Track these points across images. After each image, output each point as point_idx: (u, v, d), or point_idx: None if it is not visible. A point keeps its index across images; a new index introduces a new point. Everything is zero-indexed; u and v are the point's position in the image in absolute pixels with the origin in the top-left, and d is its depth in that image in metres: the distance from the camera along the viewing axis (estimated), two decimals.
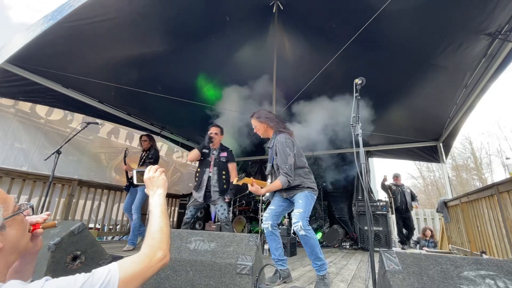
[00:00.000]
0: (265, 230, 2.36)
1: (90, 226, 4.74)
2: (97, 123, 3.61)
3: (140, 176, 1.14)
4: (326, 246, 5.37)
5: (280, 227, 4.06)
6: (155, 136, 4.99)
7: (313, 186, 2.36)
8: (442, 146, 5.74)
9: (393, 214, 5.92)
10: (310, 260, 2.20)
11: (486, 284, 1.00)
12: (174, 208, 6.47)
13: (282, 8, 3.81)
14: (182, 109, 5.13)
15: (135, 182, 1.17)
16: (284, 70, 4.49)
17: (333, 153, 6.70)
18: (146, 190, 1.08)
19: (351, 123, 1.97)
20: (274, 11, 3.87)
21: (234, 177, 3.21)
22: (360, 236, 5.11)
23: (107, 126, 5.10)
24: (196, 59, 4.30)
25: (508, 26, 2.85)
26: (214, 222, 5.55)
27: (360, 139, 1.90)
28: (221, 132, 3.45)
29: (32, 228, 0.87)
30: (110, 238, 5.66)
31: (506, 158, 14.24)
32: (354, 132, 1.94)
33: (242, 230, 5.58)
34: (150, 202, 1.02)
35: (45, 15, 2.90)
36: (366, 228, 4.96)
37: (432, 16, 3.11)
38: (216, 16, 3.67)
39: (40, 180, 3.90)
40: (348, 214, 6.19)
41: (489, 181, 14.76)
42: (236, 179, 2.28)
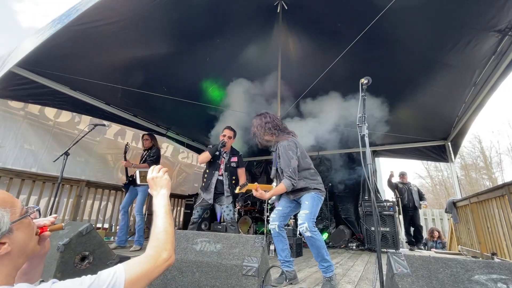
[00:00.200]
0: (272, 231, 2.36)
1: (98, 226, 4.81)
2: (104, 125, 3.65)
3: (143, 176, 1.14)
4: (333, 246, 5.33)
5: (285, 228, 4.04)
6: (161, 136, 5.01)
7: (320, 187, 2.34)
8: (450, 145, 5.63)
9: (400, 215, 5.84)
10: (317, 261, 2.19)
11: None
12: (180, 208, 6.51)
13: (287, 8, 3.81)
14: (187, 110, 5.16)
15: (138, 182, 1.17)
16: (289, 69, 4.47)
17: (339, 152, 6.62)
18: (150, 190, 1.08)
19: (357, 123, 1.93)
20: (278, 11, 3.86)
21: (243, 181, 3.21)
22: (366, 236, 5.05)
23: (114, 128, 5.16)
24: (201, 60, 4.32)
25: None
26: (220, 222, 5.56)
27: (366, 140, 1.87)
28: (234, 135, 3.44)
29: (39, 230, 0.88)
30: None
31: None
32: (360, 132, 1.91)
33: (248, 230, 5.58)
34: (154, 203, 1.02)
35: (53, 19, 2.94)
36: (373, 228, 4.90)
37: (439, 13, 3.06)
38: (220, 17, 3.68)
39: (49, 181, 3.97)
40: (354, 214, 6.12)
41: (499, 180, 14.44)
42: (238, 188, 2.27)
